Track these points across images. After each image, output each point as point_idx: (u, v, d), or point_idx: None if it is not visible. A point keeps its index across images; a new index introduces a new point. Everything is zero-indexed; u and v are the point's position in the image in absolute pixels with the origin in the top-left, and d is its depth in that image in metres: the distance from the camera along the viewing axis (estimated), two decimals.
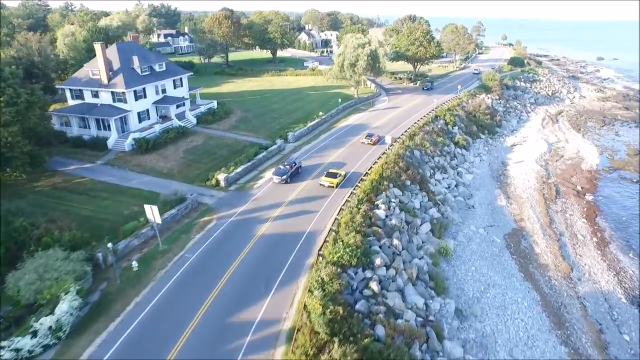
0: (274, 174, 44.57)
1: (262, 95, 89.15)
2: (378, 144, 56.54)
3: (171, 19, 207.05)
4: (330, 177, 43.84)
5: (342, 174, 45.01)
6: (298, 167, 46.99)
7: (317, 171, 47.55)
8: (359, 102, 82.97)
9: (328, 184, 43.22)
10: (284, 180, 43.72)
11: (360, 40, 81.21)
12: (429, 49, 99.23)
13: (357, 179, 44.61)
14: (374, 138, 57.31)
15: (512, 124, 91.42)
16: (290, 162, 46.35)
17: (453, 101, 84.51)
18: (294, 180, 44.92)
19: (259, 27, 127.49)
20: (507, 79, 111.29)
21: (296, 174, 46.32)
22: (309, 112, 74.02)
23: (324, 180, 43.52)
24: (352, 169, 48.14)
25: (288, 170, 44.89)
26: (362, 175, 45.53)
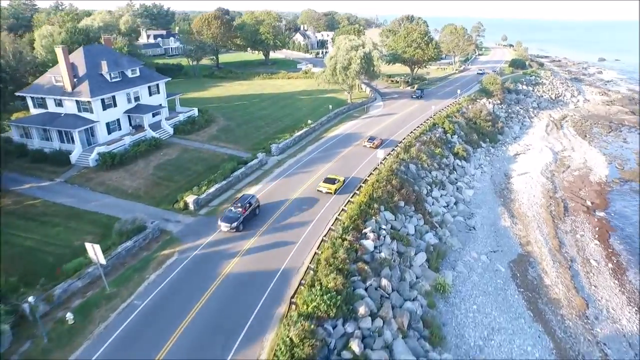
0: (222, 219, 34.71)
1: (250, 100, 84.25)
2: (381, 147, 54.02)
3: (164, 19, 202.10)
4: (328, 182, 42.08)
5: (340, 179, 43.12)
6: (255, 208, 36.85)
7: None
8: (352, 108, 78.03)
9: (326, 190, 41.31)
10: (233, 228, 33.89)
11: (354, 42, 76.32)
12: (427, 51, 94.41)
13: (356, 185, 42.70)
14: (376, 141, 55.77)
15: (515, 130, 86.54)
16: (244, 202, 36.00)
17: (452, 107, 79.62)
18: (251, 226, 35.32)
19: (251, 28, 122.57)
20: (508, 82, 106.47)
21: (252, 216, 36.36)
22: (298, 119, 69.10)
23: (322, 186, 41.66)
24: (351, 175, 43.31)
25: (241, 214, 34.84)
26: (362, 181, 43.49)
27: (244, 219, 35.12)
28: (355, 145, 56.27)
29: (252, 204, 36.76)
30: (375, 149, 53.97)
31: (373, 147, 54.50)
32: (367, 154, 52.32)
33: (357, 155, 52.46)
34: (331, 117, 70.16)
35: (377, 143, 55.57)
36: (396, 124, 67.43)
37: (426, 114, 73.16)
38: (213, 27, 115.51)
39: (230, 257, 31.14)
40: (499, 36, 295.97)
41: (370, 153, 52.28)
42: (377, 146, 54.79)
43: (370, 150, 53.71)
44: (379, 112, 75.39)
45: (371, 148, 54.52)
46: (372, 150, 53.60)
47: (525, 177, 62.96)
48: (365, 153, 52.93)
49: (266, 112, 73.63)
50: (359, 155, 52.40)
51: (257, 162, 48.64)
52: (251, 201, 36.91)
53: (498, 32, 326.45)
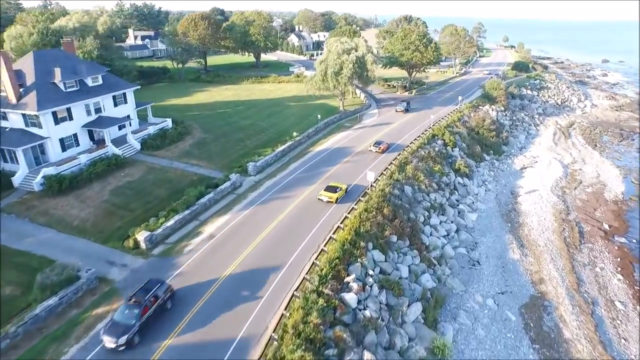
0: (104, 332, 22.58)
1: (234, 108, 78.11)
2: (387, 151, 53.70)
3: (155, 19, 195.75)
4: (329, 191, 39.78)
5: (342, 187, 40.83)
6: (163, 300, 24.86)
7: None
8: (343, 117, 71.79)
9: (327, 199, 39.13)
10: (122, 345, 21.92)
11: (346, 45, 70.18)
12: (426, 54, 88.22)
13: (360, 193, 40.86)
14: (383, 146, 54.11)
15: (520, 140, 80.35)
16: (146, 296, 23.90)
17: (453, 115, 73.44)
18: (142, 345, 22.75)
19: (240, 29, 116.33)
20: (512, 87, 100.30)
21: (158, 312, 24.36)
22: (284, 130, 62.94)
23: (323, 195, 39.42)
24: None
25: (137, 319, 22.82)
26: (367, 188, 41.75)
27: (141, 325, 22.88)
28: (344, 162, 50.04)
29: (158, 296, 24.52)
30: (381, 153, 53.03)
31: (379, 152, 53.19)
32: (358, 173, 46.12)
33: (345, 175, 46.23)
34: (320, 127, 63.94)
35: (383, 147, 53.85)
36: (391, 136, 61.18)
37: (424, 124, 66.99)
38: (200, 28, 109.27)
39: (177, 321, 24.88)
40: (499, 37, 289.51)
41: (363, 170, 46.08)
42: (384, 151, 53.65)
43: (373, 157, 47.61)
44: (373, 122, 69.16)
45: (377, 153, 53.22)
46: (379, 155, 52.75)
47: (534, 196, 56.78)
48: (355, 172, 46.72)
49: (249, 122, 67.44)
50: (348, 175, 46.18)
51: (230, 185, 42.41)
52: (158, 292, 24.64)
53: (497, 33, 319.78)
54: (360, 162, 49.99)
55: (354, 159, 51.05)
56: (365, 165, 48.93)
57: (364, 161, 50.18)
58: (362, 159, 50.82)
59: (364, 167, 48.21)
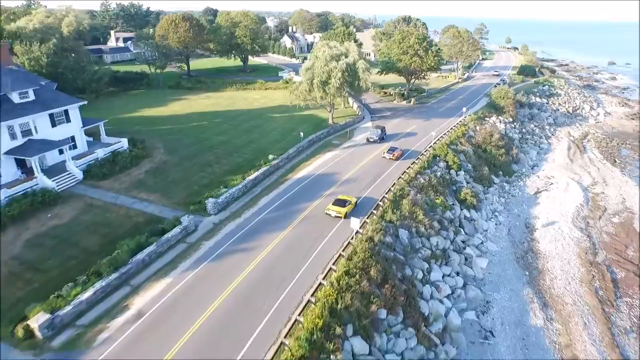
0: None
1: (211, 120, 69.57)
2: (402, 158, 51.45)
3: (143, 20, 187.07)
4: (338, 205, 36.96)
5: (352, 200, 38.15)
6: None
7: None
8: (332, 132, 63.12)
9: (335, 213, 36.35)
10: None
11: (335, 51, 61.56)
12: (426, 59, 79.58)
13: (372, 206, 38.32)
14: (397, 152, 51.56)
15: (532, 156, 71.78)
16: None
17: (457, 129, 64.85)
18: None
19: (225, 31, 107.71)
20: (520, 94, 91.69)
21: None
22: (262, 150, 54.39)
23: (331, 210, 36.60)
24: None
25: None
26: (379, 199, 39.44)
27: None
28: (327, 195, 41.32)
29: None
30: (395, 160, 50.60)
31: (393, 159, 50.76)
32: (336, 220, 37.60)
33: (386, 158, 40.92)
34: (303, 146, 55.27)
35: (397, 154, 51.25)
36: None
37: (425, 141, 58.44)
38: (181, 30, 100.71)
39: None
40: (499, 37, 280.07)
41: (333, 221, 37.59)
42: (398, 157, 51.08)
43: (364, 185, 38.98)
44: (363, 139, 60.54)
45: (391, 160, 50.82)
46: (392, 162, 49.95)
47: (553, 230, 48.22)
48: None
49: (224, 139, 58.85)
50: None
51: (180, 231, 33.77)
52: None
53: (498, 33, 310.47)
54: (349, 193, 41.37)
55: (340, 189, 42.39)
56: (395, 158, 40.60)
57: (353, 192, 41.55)
58: (350, 190, 42.18)
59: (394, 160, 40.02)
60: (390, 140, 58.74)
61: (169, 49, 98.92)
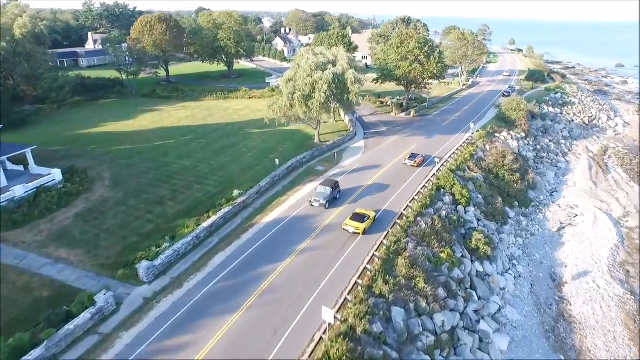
0: None
1: (179, 138, 60.31)
2: (424, 165, 49.17)
3: (129, 21, 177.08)
4: (356, 220, 33.90)
5: (371, 215, 35.16)
6: None
7: None
8: (317, 155, 53.65)
9: (353, 229, 33.36)
10: None
11: (321, 59, 52.24)
12: (428, 66, 70.12)
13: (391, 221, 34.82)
14: (419, 159, 49.47)
15: (549, 178, 62.42)
16: None
17: (464, 150, 55.53)
18: None
19: (207, 34, 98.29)
20: (532, 104, 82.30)
21: None
22: (231, 179, 45.15)
23: (348, 225, 33.72)
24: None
25: None
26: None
27: None
28: (299, 251, 31.88)
29: None
30: (417, 167, 48.39)
31: (415, 166, 48.59)
32: (319, 276, 28.23)
33: (297, 283, 28.30)
34: (279, 176, 45.82)
35: (419, 161, 49.10)
36: (379, 190, 43.21)
37: (426, 168, 49.14)
38: (156, 32, 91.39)
39: None
40: (499, 38, 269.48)
41: (330, 266, 28.27)
42: (420, 164, 48.92)
43: (346, 239, 29.64)
44: (355, 163, 51.11)
45: (413, 166, 48.52)
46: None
47: (587, 284, 38.85)
48: (317, 273, 28.79)
49: (188, 164, 49.51)
50: (302, 282, 28.28)
51: (91, 316, 24.35)
52: None
53: (498, 34, 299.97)
54: (328, 249, 32.00)
55: (317, 242, 32.96)
56: (335, 254, 31.02)
57: (334, 247, 32.22)
58: (332, 242, 32.82)
59: (331, 259, 30.36)
60: (387, 164, 49.34)
61: (142, 54, 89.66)
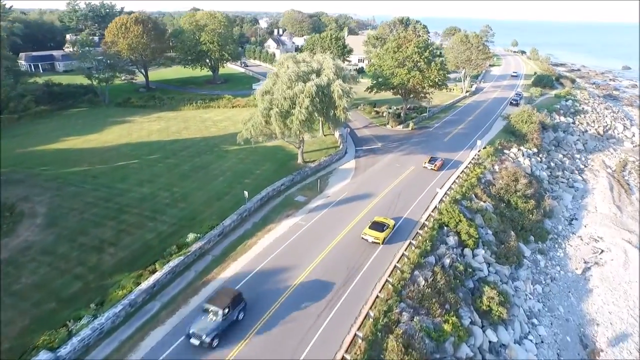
0: None
1: (144, 157, 52.89)
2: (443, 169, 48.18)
3: None
4: (375, 229, 32.29)
5: (390, 224, 33.40)
6: None
7: None
8: (297, 180, 45.79)
9: (373, 239, 31.83)
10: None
11: (303, 67, 44.68)
12: (429, 74, 62.45)
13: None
14: (438, 162, 48.79)
15: (566, 202, 54.83)
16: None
17: (470, 173, 47.93)
18: None
19: (189, 36, 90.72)
20: (543, 114, 74.72)
21: None
22: (193, 213, 37.58)
23: (367, 235, 32.01)
24: None
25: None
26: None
27: None
28: (260, 328, 24.30)
29: None
30: (437, 170, 47.82)
31: (435, 169, 47.88)
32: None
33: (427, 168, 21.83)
34: (249, 211, 38.13)
35: (439, 165, 48.59)
36: (366, 226, 35.59)
37: (427, 195, 41.53)
38: (132, 34, 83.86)
39: None
40: (500, 39, 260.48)
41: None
42: (440, 167, 48.49)
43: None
44: (342, 191, 43.38)
45: (433, 170, 47.84)
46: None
47: (627, 352, 31.25)
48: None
49: (147, 192, 41.88)
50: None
51: None
52: None
53: (498, 35, 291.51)
54: (298, 322, 24.42)
55: (287, 310, 25.38)
56: (306, 333, 23.47)
57: (306, 318, 24.64)
58: (305, 312, 25.22)
59: (300, 341, 22.80)
60: (381, 192, 41.65)
61: (116, 58, 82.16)
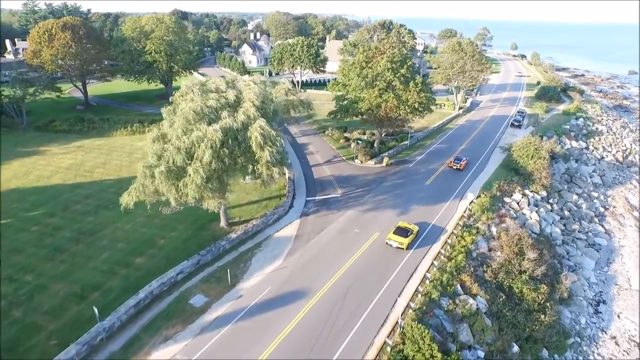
0: None
1: (22, 213, 39.46)
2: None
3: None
4: (399, 235, 32.51)
5: (414, 230, 33.53)
6: None
7: None
8: (207, 261, 31.30)
9: (397, 244, 32.11)
10: None
11: (211, 100, 30.59)
12: (407, 96, 48.41)
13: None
14: (463, 162, 50.00)
15: (588, 272, 40.80)
16: None
17: (456, 244, 33.87)
18: None
19: (131, 44, 76.62)
20: (552, 141, 60.71)
21: None
22: (20, 334, 23.52)
23: (392, 240, 32.33)
24: None
25: None
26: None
27: None
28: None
29: None
30: (461, 170, 49.14)
31: (460, 169, 49.28)
32: None
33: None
34: (111, 330, 24.18)
35: (464, 164, 49.69)
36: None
37: (389, 292, 27.45)
38: (58, 43, 69.84)
39: None
40: (499, 41, 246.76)
41: None
42: (464, 167, 49.62)
43: None
44: (262, 287, 28.93)
45: (458, 169, 49.27)
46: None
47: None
48: None
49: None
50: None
51: None
52: None
53: (496, 37, 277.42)
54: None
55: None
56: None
57: None
58: None
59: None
60: (322, 286, 27.52)
61: (36, 71, 68.22)
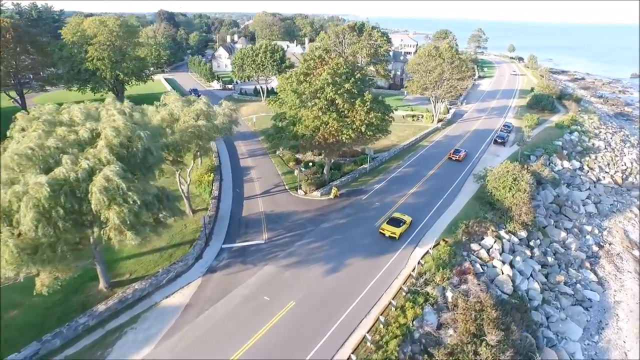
0: None
1: None
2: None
3: (52, 26, 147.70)
4: (392, 225, 34.56)
5: (407, 220, 35.63)
6: None
7: None
8: (52, 348, 23.23)
9: (389, 234, 34.04)
10: None
11: (51, 142, 22.15)
12: (355, 116, 39.74)
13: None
14: (462, 153, 53.15)
15: (572, 345, 31.88)
16: None
17: (392, 324, 25.27)
18: None
19: (72, 50, 68.28)
20: (539, 162, 51.95)
21: None
22: None
23: (385, 230, 34.27)
24: None
25: None
26: None
27: None
28: None
29: None
30: (460, 161, 52.32)
31: (459, 160, 52.35)
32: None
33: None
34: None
35: (462, 155, 52.83)
36: None
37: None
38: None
39: None
40: (496, 42, 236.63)
41: None
42: (463, 158, 52.77)
43: None
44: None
45: (457, 160, 52.45)
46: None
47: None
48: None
49: None
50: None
51: None
52: None
53: (493, 38, 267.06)
54: None
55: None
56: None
57: None
58: None
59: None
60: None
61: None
